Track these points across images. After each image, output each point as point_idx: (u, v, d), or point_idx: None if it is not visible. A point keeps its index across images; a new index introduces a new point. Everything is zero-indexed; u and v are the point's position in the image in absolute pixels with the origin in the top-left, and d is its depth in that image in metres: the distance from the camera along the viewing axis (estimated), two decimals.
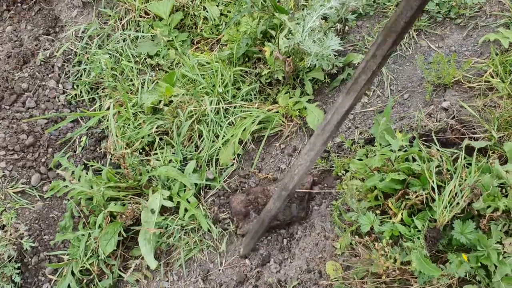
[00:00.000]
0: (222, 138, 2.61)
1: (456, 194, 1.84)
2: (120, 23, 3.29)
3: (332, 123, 1.74)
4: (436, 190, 1.85)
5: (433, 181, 1.86)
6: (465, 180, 1.84)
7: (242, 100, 2.71)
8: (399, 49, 2.70)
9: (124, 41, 3.24)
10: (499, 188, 1.86)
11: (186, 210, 2.50)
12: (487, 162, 1.97)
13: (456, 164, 1.97)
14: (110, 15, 3.33)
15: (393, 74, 2.65)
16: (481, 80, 2.34)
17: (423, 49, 2.67)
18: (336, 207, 2.23)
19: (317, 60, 2.40)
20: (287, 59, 2.47)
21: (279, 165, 2.64)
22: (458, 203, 1.82)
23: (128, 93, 2.97)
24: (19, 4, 3.75)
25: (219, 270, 2.42)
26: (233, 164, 2.64)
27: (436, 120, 2.34)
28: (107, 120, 2.91)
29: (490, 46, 2.43)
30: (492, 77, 2.30)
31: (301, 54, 2.50)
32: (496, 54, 2.35)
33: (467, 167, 1.95)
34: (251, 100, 2.76)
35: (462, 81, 2.41)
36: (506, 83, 2.19)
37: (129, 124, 2.83)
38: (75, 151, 2.96)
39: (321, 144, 1.82)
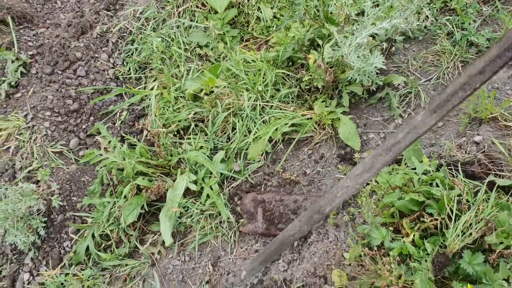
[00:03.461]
0: (254, 134, 2.70)
1: (470, 225, 1.87)
2: (177, 10, 3.43)
3: (403, 144, 1.47)
4: (452, 217, 1.89)
5: (450, 209, 1.90)
6: (482, 213, 1.87)
7: (279, 101, 2.80)
8: (442, 77, 2.73)
9: (177, 28, 3.38)
10: None
11: (208, 196, 2.60)
12: (507, 200, 1.98)
13: (476, 197, 1.99)
14: (168, 1, 3.48)
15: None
16: None
17: None
18: (352, 214, 2.28)
19: (358, 75, 2.46)
20: (329, 69, 2.54)
21: (304, 169, 2.71)
22: (471, 234, 1.85)
23: (173, 77, 3.10)
24: None
25: (229, 258, 2.50)
26: (260, 161, 2.73)
27: (466, 152, 2.36)
28: (149, 99, 3.05)
29: None
30: None
31: (343, 67, 2.57)
32: None
33: (487, 202, 1.98)
34: (288, 103, 2.84)
35: (499, 119, 2.42)
36: None
37: (169, 107, 2.96)
38: (114, 123, 3.11)
39: (381, 165, 1.54)
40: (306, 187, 2.65)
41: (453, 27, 2.80)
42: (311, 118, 2.73)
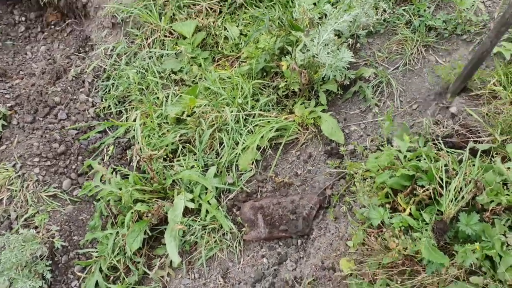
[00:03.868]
0: (242, 145, 2.79)
1: (461, 189, 1.98)
2: (147, 42, 3.53)
3: None
4: (443, 185, 1.99)
5: (439, 177, 2.01)
6: (469, 176, 1.98)
7: (260, 110, 2.90)
8: (408, 63, 2.88)
9: (150, 58, 3.47)
10: (502, 185, 1.99)
11: (207, 211, 2.66)
12: (490, 162, 2.11)
13: (461, 164, 2.11)
14: (137, 35, 3.59)
15: (403, 86, 2.82)
16: (486, 89, 2.50)
17: (431, 64, 2.84)
18: (348, 203, 2.37)
19: (331, 71, 2.58)
20: (303, 71, 2.66)
21: (295, 170, 2.80)
22: (463, 197, 1.96)
23: (153, 105, 3.18)
24: (52, 26, 4.04)
25: (238, 268, 2.55)
26: (251, 169, 2.81)
27: (443, 127, 2.49)
28: (134, 130, 3.11)
29: (494, 59, 2.60)
30: (496, 86, 2.46)
31: (315, 68, 2.69)
32: (500, 65, 2.51)
33: (472, 167, 2.09)
34: (269, 110, 2.94)
35: (469, 90, 2.57)
36: (508, 91, 2.35)
37: (154, 134, 3.03)
38: (103, 159, 3.15)
39: None
40: (300, 187, 2.73)
41: (410, 16, 2.98)
42: (293, 121, 2.83)
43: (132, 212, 2.60)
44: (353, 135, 2.79)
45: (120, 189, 2.67)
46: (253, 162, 2.80)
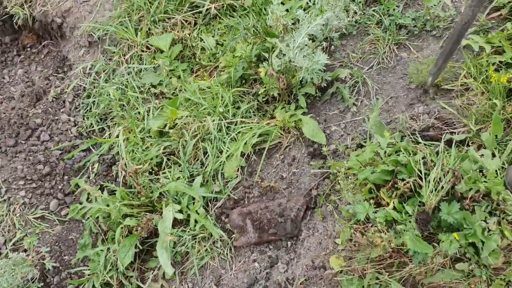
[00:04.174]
0: (226, 153, 2.82)
1: (440, 179, 2.04)
2: (124, 58, 3.56)
3: None
4: (423, 177, 2.06)
5: (418, 169, 2.07)
6: (447, 166, 2.05)
7: (242, 117, 2.94)
8: (381, 62, 2.96)
9: (128, 74, 3.50)
10: (479, 172, 2.07)
11: (196, 221, 2.68)
12: (466, 152, 2.18)
13: (439, 156, 2.18)
14: (114, 52, 3.61)
15: (378, 85, 2.89)
16: (458, 82, 2.58)
17: (404, 61, 2.92)
18: (334, 202, 2.43)
19: (308, 74, 2.65)
20: (281, 76, 2.72)
21: (281, 173, 2.85)
22: (442, 187, 2.02)
23: (135, 120, 3.20)
24: (28, 49, 4.05)
25: (231, 274, 2.58)
26: (237, 176, 2.84)
27: (420, 121, 2.56)
28: (117, 146, 3.13)
29: (463, 52, 2.69)
30: (467, 78, 2.55)
31: (293, 72, 2.75)
32: (469, 58, 2.60)
33: (449, 157, 2.17)
34: (250, 117, 2.99)
35: (442, 85, 2.65)
36: (479, 82, 2.43)
37: (137, 148, 3.05)
38: (89, 177, 3.16)
39: None
40: (286, 190, 2.77)
41: (380, 16, 3.06)
42: (275, 125, 2.88)
43: (121, 228, 2.61)
44: (334, 135, 2.85)
45: (108, 205, 2.68)
46: (238, 169, 2.84)
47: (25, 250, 2.82)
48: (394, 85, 2.86)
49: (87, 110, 3.48)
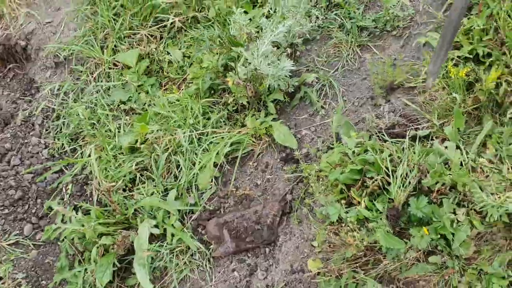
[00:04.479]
0: (199, 164, 2.83)
1: (407, 174, 2.09)
2: (92, 76, 3.54)
3: None
4: (390, 174, 2.10)
5: (385, 166, 2.11)
6: (412, 161, 2.10)
7: (213, 127, 2.95)
8: (346, 64, 3.01)
9: (97, 92, 3.48)
10: (444, 165, 2.12)
11: (173, 235, 2.68)
12: (431, 146, 2.24)
13: (405, 152, 2.22)
14: (81, 71, 3.59)
15: (344, 87, 2.94)
16: (419, 79, 2.64)
17: (367, 62, 2.97)
18: (309, 205, 2.45)
19: (274, 81, 2.67)
20: (248, 84, 2.74)
21: (255, 181, 2.86)
22: (409, 182, 2.07)
23: (106, 138, 3.19)
24: None
25: (211, 286, 2.57)
26: (211, 187, 2.85)
27: (386, 119, 2.61)
28: (90, 166, 3.11)
29: (422, 49, 2.76)
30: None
31: (260, 79, 2.78)
32: (428, 55, 2.66)
33: (414, 153, 2.22)
34: (221, 127, 3.00)
35: (404, 83, 2.71)
36: (440, 78, 2.50)
37: (110, 166, 3.03)
38: (63, 199, 3.12)
39: None
40: (261, 197, 2.79)
41: (342, 19, 3.12)
42: (247, 134, 2.90)
43: (97, 247, 2.59)
44: (305, 138, 2.88)
45: (83, 225, 2.65)
46: (212, 180, 2.85)
47: (0, 278, 2.77)
48: (359, 86, 2.92)
49: (58, 131, 3.44)
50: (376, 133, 2.55)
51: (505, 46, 2.39)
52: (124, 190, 2.97)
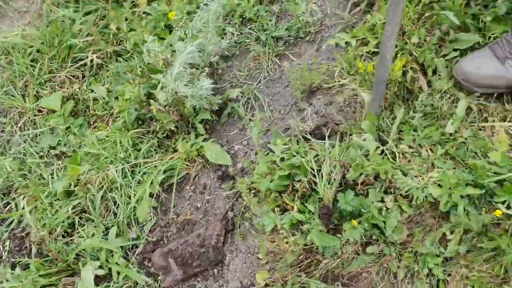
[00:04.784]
0: (135, 197, 2.78)
1: (331, 172, 2.13)
2: (17, 126, 3.44)
3: None
4: (316, 174, 2.14)
5: (311, 167, 2.15)
6: (334, 159, 2.15)
7: (144, 158, 2.92)
8: (267, 75, 3.07)
9: (25, 141, 3.38)
10: (365, 157, 2.18)
11: (118, 273, 2.61)
12: (350, 141, 2.30)
13: (328, 150, 2.28)
14: (5, 123, 3.49)
15: (269, 97, 2.99)
16: (334, 79, 2.73)
17: (287, 69, 3.04)
18: (249, 219, 2.46)
19: (196, 101, 2.69)
20: (170, 109, 2.74)
21: (195, 204, 2.84)
22: (335, 179, 2.11)
23: (40, 186, 3.09)
24: None
25: None
26: (151, 218, 2.81)
27: (310, 121, 2.67)
28: (26, 217, 3.00)
29: (333, 51, 2.85)
30: (341, 74, 2.70)
31: (182, 102, 2.78)
32: (340, 55, 2.75)
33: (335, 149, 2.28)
34: (152, 156, 2.97)
35: (323, 85, 2.79)
36: (351, 75, 2.59)
37: (47, 214, 2.93)
38: (1, 257, 2.99)
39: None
40: (203, 219, 2.77)
41: (256, 32, 3.18)
42: (179, 158, 2.88)
43: None
44: (239, 153, 2.90)
45: (21, 281, 2.55)
46: (151, 211, 2.81)
47: None
48: (283, 94, 2.97)
49: None
50: (303, 137, 2.60)
51: (405, 35, 2.51)
52: (64, 236, 2.87)
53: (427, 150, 2.27)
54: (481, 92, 2.32)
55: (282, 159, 2.36)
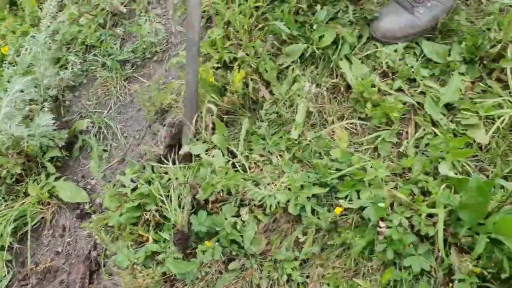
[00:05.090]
0: None
1: (180, 195, 2.09)
2: None
3: None
4: (165, 200, 2.08)
5: (159, 194, 2.08)
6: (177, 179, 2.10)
7: None
8: (118, 100, 2.95)
9: None
10: (213, 174, 2.16)
11: None
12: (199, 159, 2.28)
13: (174, 173, 2.23)
14: None
15: (121, 123, 2.87)
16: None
17: (138, 92, 2.94)
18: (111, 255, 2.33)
19: (36, 140, 2.49)
20: (9, 153, 2.51)
21: (56, 249, 2.63)
22: (185, 202, 2.07)
23: None
24: None
25: None
26: (6, 274, 2.55)
27: (163, 145, 2.61)
28: None
29: (180, 70, 2.83)
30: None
31: (22, 144, 2.56)
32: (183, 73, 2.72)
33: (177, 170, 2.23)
34: (1, 205, 2.71)
35: (173, 103, 2.74)
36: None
37: None
38: None
39: None
40: (66, 263, 2.58)
41: (101, 58, 3.05)
42: (30, 203, 2.66)
43: None
44: (96, 187, 2.75)
45: None
46: (4, 266, 2.55)
47: None
48: (137, 118, 2.88)
49: None
50: (159, 161, 2.52)
51: (241, 48, 2.55)
52: None
53: (277, 157, 2.32)
54: (402, 42, 2.40)
55: (134, 189, 2.26)
